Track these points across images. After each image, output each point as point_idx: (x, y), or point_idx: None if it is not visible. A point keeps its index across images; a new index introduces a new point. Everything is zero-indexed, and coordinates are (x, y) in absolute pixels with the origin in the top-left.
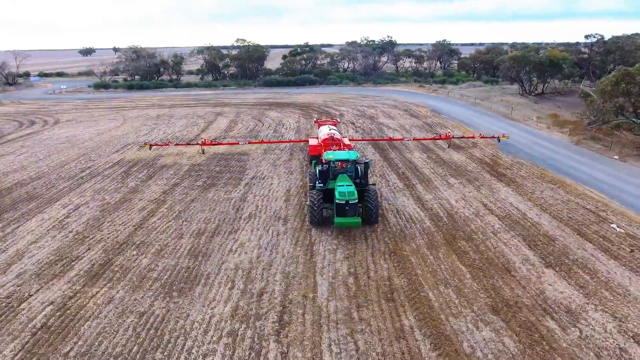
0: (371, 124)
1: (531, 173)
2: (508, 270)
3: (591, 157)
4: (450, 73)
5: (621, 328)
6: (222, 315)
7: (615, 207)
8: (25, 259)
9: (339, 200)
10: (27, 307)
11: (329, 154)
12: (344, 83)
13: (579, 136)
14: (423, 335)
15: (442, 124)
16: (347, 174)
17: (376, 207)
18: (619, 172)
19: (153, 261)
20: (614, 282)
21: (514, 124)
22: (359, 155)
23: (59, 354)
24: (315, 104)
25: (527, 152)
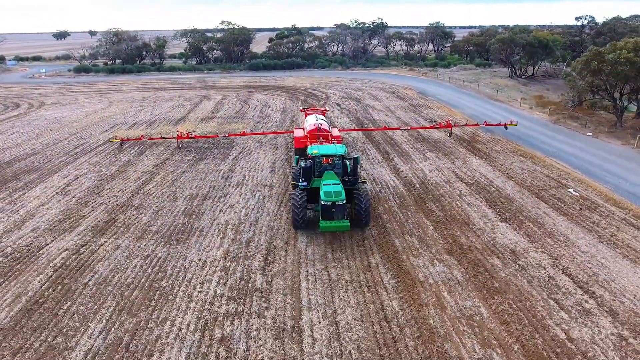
0: (357, 105)
1: (505, 148)
2: (467, 224)
3: (566, 134)
4: (443, 56)
5: (554, 264)
6: (215, 257)
7: (577, 176)
8: (37, 217)
9: (324, 201)
10: (46, 252)
11: (313, 148)
12: (333, 67)
13: (558, 115)
14: (386, 269)
15: (428, 105)
16: (334, 170)
17: (367, 208)
18: (588, 147)
19: (152, 219)
20: (557, 232)
21: (498, 105)
22: (347, 149)
23: (80, 284)
24: (302, 87)
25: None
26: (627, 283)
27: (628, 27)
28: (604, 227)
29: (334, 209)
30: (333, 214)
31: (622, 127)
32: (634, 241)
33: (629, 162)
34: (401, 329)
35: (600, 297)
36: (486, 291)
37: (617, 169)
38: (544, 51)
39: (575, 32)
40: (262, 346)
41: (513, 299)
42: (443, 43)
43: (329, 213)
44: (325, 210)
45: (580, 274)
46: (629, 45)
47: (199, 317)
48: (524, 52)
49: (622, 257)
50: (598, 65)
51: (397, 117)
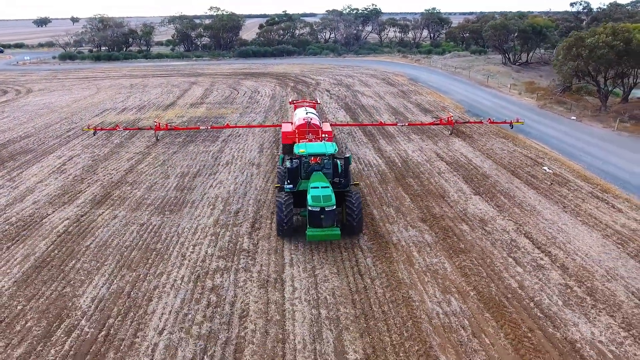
0: (346, 91)
1: (488, 131)
2: (442, 197)
3: (551, 118)
4: (438, 43)
5: (517, 229)
6: (206, 224)
7: (553, 155)
8: (36, 192)
9: (311, 206)
10: (48, 221)
11: (300, 146)
12: (324, 54)
13: (545, 100)
14: (363, 234)
15: (417, 91)
16: (324, 171)
17: (360, 214)
18: (570, 130)
19: (145, 193)
20: (526, 203)
21: (488, 91)
22: (337, 148)
23: (82, 246)
24: (292, 73)
25: (491, 113)
26: (581, 244)
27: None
28: (571, 199)
29: (323, 215)
30: (322, 221)
31: (606, 111)
32: (595, 211)
33: (607, 143)
34: (372, 280)
35: (555, 256)
36: (452, 251)
37: (593, 149)
38: (538, 37)
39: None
40: (248, 293)
41: (475, 257)
42: (439, 30)
43: (318, 220)
44: (313, 216)
45: (540, 237)
46: (608, 30)
47: (192, 272)
48: (518, 39)
49: (582, 224)
50: (577, 50)
51: (386, 102)
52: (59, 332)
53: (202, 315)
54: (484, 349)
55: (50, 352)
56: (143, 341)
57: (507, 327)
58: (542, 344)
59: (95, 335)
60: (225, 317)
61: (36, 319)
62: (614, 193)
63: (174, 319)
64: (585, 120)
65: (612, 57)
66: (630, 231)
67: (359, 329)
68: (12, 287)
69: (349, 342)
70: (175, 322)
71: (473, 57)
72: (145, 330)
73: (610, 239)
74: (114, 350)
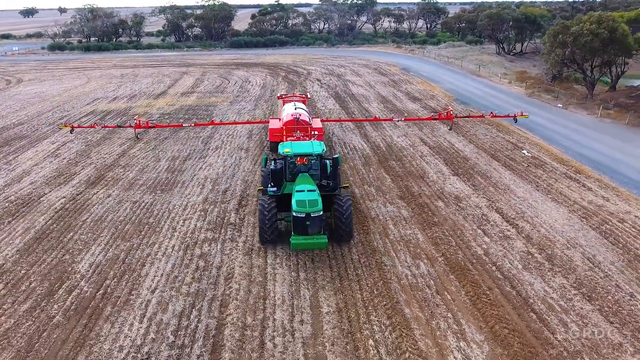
0: (337, 80)
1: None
2: (422, 177)
3: (538, 105)
4: (434, 33)
5: (490, 205)
6: (195, 202)
7: (534, 140)
8: (33, 174)
9: (296, 212)
10: (46, 199)
11: (285, 145)
12: (317, 44)
13: (534, 89)
14: None
15: (408, 80)
16: (311, 172)
17: (350, 221)
18: (555, 117)
19: (137, 175)
20: (501, 183)
21: (479, 80)
22: (325, 148)
23: (79, 221)
24: (284, 64)
25: (479, 101)
26: (548, 218)
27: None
28: (544, 179)
29: (309, 222)
30: (307, 228)
31: (592, 99)
32: (566, 189)
33: (588, 129)
34: (349, 249)
35: (522, 228)
36: (426, 224)
37: (574, 134)
38: (532, 27)
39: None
40: (233, 260)
41: (447, 229)
42: (435, 20)
43: (303, 226)
44: (298, 223)
45: (510, 212)
46: (593, 18)
47: (182, 242)
48: (512, 28)
49: (551, 201)
50: (563, 37)
51: (376, 91)
52: (60, 291)
53: (191, 277)
54: (445, 304)
55: (54, 307)
56: (137, 298)
57: (469, 286)
58: (498, 300)
59: (94, 294)
60: (212, 279)
61: (39, 281)
62: (587, 174)
63: (165, 280)
64: (570, 108)
65: (597, 45)
66: (596, 207)
67: (333, 288)
68: (15, 255)
69: (324, 298)
70: (166, 282)
71: (468, 47)
72: (139, 289)
73: (576, 213)
74: (110, 305)
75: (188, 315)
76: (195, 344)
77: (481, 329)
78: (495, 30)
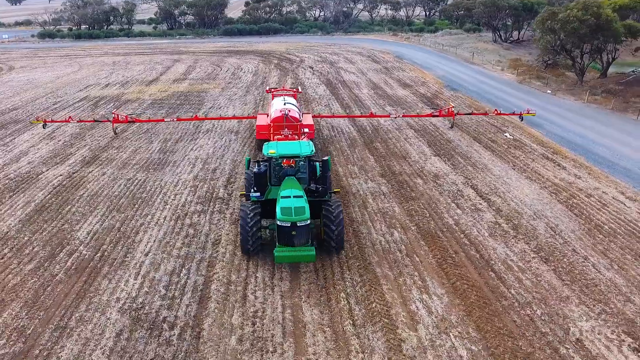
0: (330, 68)
1: (462, 102)
2: (404, 157)
3: (527, 92)
4: (432, 21)
5: (466, 182)
6: (186, 179)
7: (518, 124)
8: (30, 155)
9: (281, 221)
10: (44, 177)
11: (270, 146)
12: (312, 32)
13: (525, 76)
14: None
15: (400, 67)
16: (298, 175)
17: (340, 230)
18: (542, 102)
19: (131, 155)
20: (480, 163)
21: (471, 67)
22: (314, 149)
23: (76, 195)
24: (277, 51)
25: (469, 88)
26: (519, 193)
27: None
28: (522, 159)
29: (294, 232)
30: (293, 238)
31: (582, 85)
32: (541, 168)
33: (572, 114)
34: None
35: (494, 202)
36: (403, 199)
37: (558, 119)
38: (530, 14)
39: None
40: (221, 228)
41: (423, 203)
42: (434, 7)
43: (288, 237)
44: (283, 233)
45: (484, 188)
46: (579, 5)
47: (173, 213)
48: (509, 16)
49: (525, 178)
50: (551, 24)
51: (368, 78)
52: (61, 254)
53: (181, 243)
54: (413, 265)
55: (56, 268)
56: (132, 260)
57: (437, 250)
58: (462, 261)
59: (92, 256)
60: (200, 244)
61: (41, 246)
62: (564, 155)
63: (157, 245)
64: (559, 94)
65: (585, 32)
66: (567, 184)
67: None
68: (17, 225)
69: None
70: (158, 247)
71: (464, 35)
72: (134, 252)
73: (547, 190)
74: (108, 266)
75: (178, 273)
76: (184, 296)
77: (443, 285)
78: (492, 17)
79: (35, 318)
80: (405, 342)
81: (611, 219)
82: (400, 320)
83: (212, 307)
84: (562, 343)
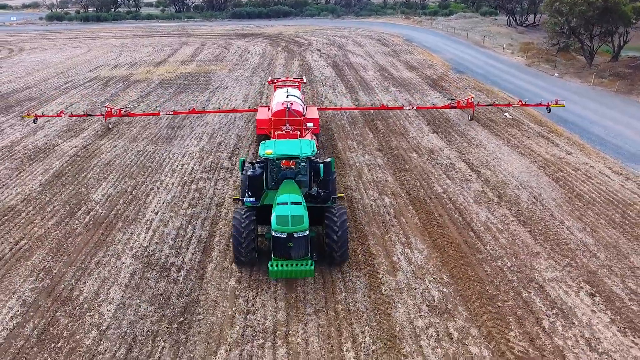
0: (337, 50)
1: (467, 85)
2: (402, 134)
3: (534, 75)
4: (447, 4)
5: (459, 157)
6: (193, 151)
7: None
8: (45, 129)
9: (276, 231)
10: (59, 148)
11: (267, 145)
12: (322, 15)
13: (534, 59)
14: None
15: (409, 50)
16: (298, 178)
17: (344, 241)
18: (547, 85)
19: (140, 130)
20: (475, 139)
21: (482, 51)
22: (316, 148)
23: (90, 164)
24: (285, 34)
25: (476, 70)
26: (510, 167)
27: None
28: (517, 137)
29: (291, 244)
30: (290, 251)
31: (591, 69)
32: (534, 145)
33: (576, 96)
34: None
35: (483, 174)
36: (397, 170)
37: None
38: None
39: None
40: (225, 193)
41: (415, 174)
42: None
43: (284, 249)
44: (278, 244)
45: (476, 162)
46: None
47: (180, 180)
48: None
49: (517, 154)
50: (559, 6)
51: (375, 61)
52: (79, 212)
53: (187, 204)
54: (400, 225)
55: (75, 222)
56: (143, 217)
57: (423, 213)
58: (445, 223)
59: (107, 214)
60: (205, 206)
61: (61, 205)
62: (559, 133)
63: (166, 206)
64: (566, 77)
65: (592, 14)
66: (557, 159)
67: None
68: (38, 188)
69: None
70: (167, 207)
71: (479, 19)
72: (145, 212)
73: (536, 164)
74: (122, 222)
75: (185, 228)
76: (190, 247)
77: (425, 241)
78: (507, 0)
79: (59, 261)
80: (385, 284)
81: (593, 189)
82: (382, 268)
83: (215, 256)
84: (525, 288)
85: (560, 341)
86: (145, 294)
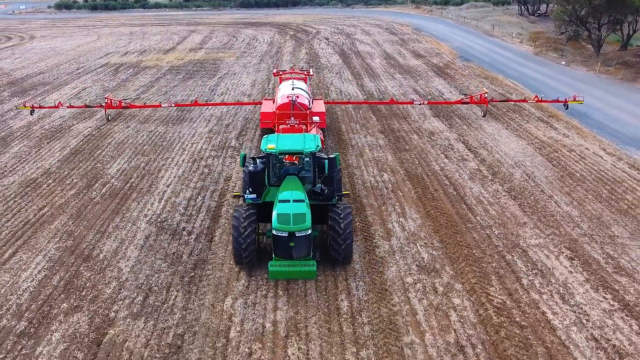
0: (345, 39)
1: (473, 72)
2: (405, 118)
3: (541, 63)
4: None
5: (458, 138)
6: (202, 132)
7: (522, 91)
8: (60, 111)
9: (277, 230)
10: (75, 129)
11: (269, 140)
12: (332, 4)
13: (542, 48)
14: (330, 140)
15: (417, 39)
16: (302, 175)
17: (349, 241)
18: (553, 72)
19: (151, 112)
20: (475, 123)
21: (490, 40)
22: (320, 143)
23: (105, 143)
24: (293, 23)
25: (483, 59)
26: (506, 148)
27: None
28: (517, 121)
29: (293, 243)
30: (291, 250)
31: (598, 57)
32: (533, 128)
33: (580, 83)
34: None
35: (480, 154)
36: (397, 150)
37: (564, 87)
38: None
39: None
40: (232, 169)
41: (414, 154)
42: None
43: (285, 248)
44: (279, 243)
45: (474, 143)
46: None
47: (190, 157)
48: None
49: (515, 136)
50: None
51: (382, 49)
52: (96, 185)
53: (197, 178)
54: (397, 198)
55: (93, 193)
56: (156, 189)
57: (419, 188)
58: (440, 197)
59: (122, 187)
60: (214, 180)
61: (79, 178)
62: (558, 117)
63: (177, 179)
64: (573, 65)
65: (599, 2)
66: (553, 141)
67: None
68: (57, 163)
69: None
70: (178, 181)
71: (490, 8)
72: (157, 184)
73: (532, 145)
74: (136, 193)
75: (195, 199)
76: (199, 214)
77: (419, 212)
78: None
79: (80, 226)
80: (379, 247)
81: (585, 168)
82: (377, 234)
83: (222, 222)
84: (509, 252)
85: (536, 295)
86: (159, 253)
